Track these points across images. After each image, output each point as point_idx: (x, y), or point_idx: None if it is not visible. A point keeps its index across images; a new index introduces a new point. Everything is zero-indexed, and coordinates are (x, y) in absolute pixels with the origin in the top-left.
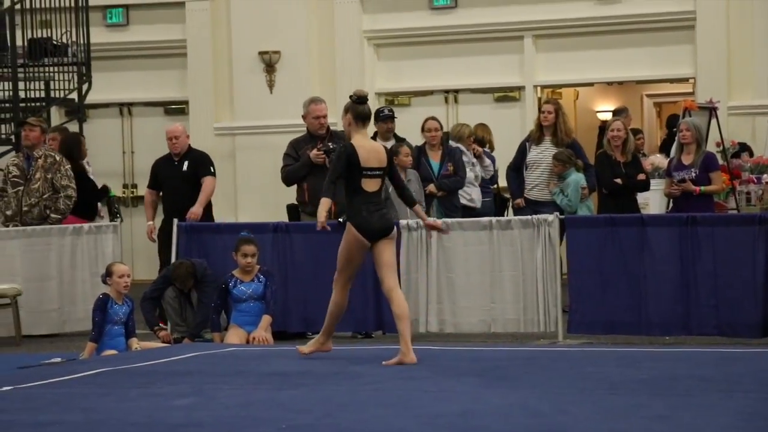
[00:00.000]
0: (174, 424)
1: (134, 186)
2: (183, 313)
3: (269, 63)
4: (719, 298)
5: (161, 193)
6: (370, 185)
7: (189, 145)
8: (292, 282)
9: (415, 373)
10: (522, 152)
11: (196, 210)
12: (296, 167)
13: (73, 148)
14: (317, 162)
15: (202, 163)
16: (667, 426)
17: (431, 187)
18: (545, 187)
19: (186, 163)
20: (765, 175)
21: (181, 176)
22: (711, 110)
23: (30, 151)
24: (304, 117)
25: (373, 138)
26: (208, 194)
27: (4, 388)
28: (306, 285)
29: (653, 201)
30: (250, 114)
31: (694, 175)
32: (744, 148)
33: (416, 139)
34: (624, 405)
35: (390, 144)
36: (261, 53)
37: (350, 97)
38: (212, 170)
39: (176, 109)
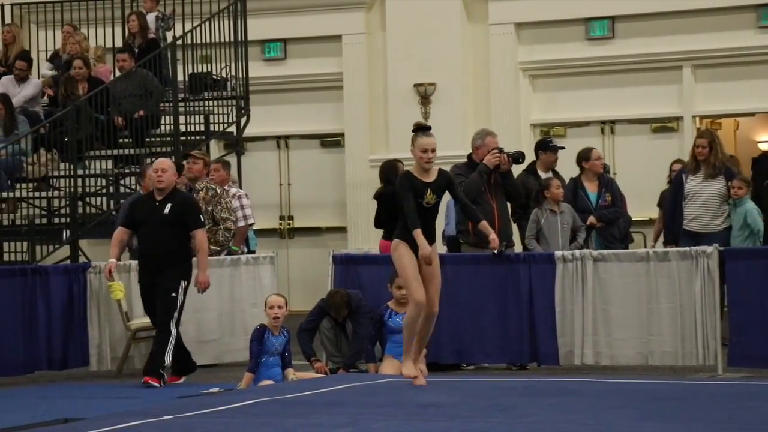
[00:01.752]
0: None
1: (291, 218)
2: (338, 344)
3: (424, 95)
4: None
5: (136, 237)
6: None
7: (175, 185)
8: (446, 313)
9: (572, 406)
10: (679, 183)
11: (203, 279)
12: (474, 178)
13: None
14: (495, 164)
15: (189, 211)
16: None
17: (591, 219)
18: (706, 218)
19: (169, 206)
20: None
21: (161, 220)
22: None
23: (192, 183)
24: (477, 148)
25: (532, 168)
26: (206, 252)
27: (165, 417)
28: (460, 317)
29: None
30: (405, 146)
31: None
32: None
33: (573, 170)
34: None
35: (547, 176)
36: (416, 85)
37: (413, 129)
38: (202, 220)
39: (332, 141)
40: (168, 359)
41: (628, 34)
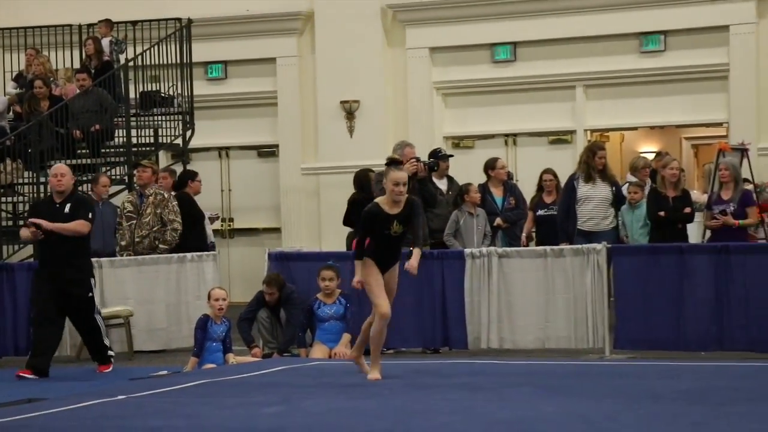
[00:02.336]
0: (265, 429)
1: (231, 220)
2: (273, 331)
3: (349, 111)
4: (750, 318)
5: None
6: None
7: (74, 187)
8: (367, 304)
9: (479, 384)
10: (572, 189)
11: (47, 226)
12: None
13: None
14: (413, 171)
15: (82, 207)
16: None
17: (498, 220)
18: (597, 219)
19: (68, 206)
20: None
21: (62, 219)
22: (742, 151)
23: (142, 190)
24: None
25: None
26: (69, 228)
27: (119, 397)
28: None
29: (691, 232)
30: (332, 156)
31: (732, 209)
32: None
33: (480, 177)
34: (665, 413)
35: (443, 181)
36: (342, 102)
37: (386, 163)
38: (89, 216)
39: (268, 152)
40: (107, 342)
41: (528, 58)
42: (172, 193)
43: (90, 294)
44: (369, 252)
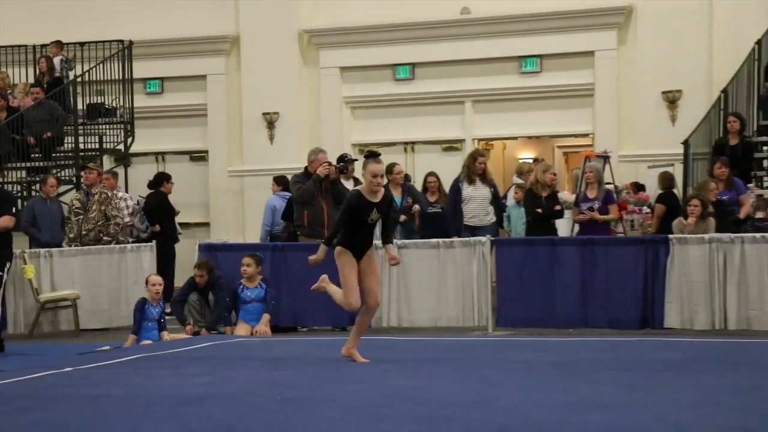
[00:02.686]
0: (195, 396)
1: None
2: (202, 311)
3: (270, 122)
4: (610, 300)
5: None
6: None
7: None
8: (287, 287)
9: (381, 357)
10: (457, 190)
11: None
12: (309, 185)
13: None
14: (325, 174)
15: (4, 203)
16: (570, 396)
17: (400, 215)
18: (480, 216)
19: None
20: (645, 208)
21: None
22: (605, 158)
23: (89, 189)
24: (311, 162)
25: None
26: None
27: (66, 369)
28: (296, 290)
29: (561, 226)
30: (255, 161)
31: (597, 206)
32: (640, 187)
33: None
34: (538, 381)
35: (350, 183)
36: (264, 114)
37: (365, 155)
38: (11, 210)
39: (198, 156)
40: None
41: (424, 77)
42: (115, 192)
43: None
44: (344, 242)
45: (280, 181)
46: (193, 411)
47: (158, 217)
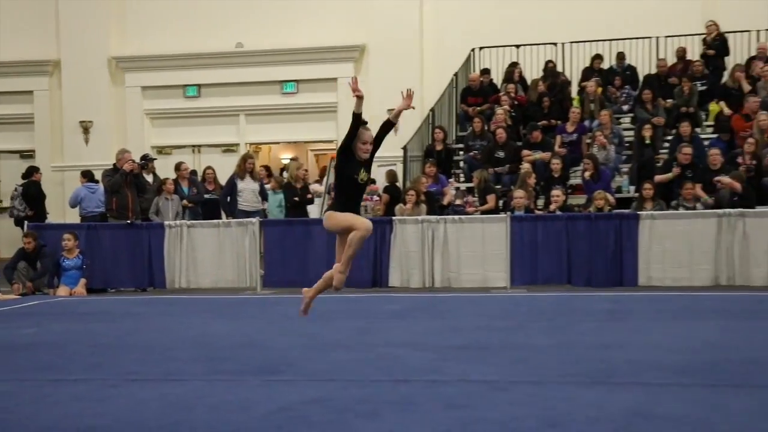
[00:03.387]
0: (24, 343)
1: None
2: (29, 276)
3: (86, 128)
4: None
5: None
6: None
7: None
8: (97, 258)
9: (172, 311)
10: (233, 184)
11: None
12: (117, 178)
13: None
14: (130, 169)
15: None
16: (315, 337)
17: (185, 202)
18: (251, 202)
19: None
20: (375, 196)
21: None
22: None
23: None
24: (119, 159)
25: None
26: None
27: None
28: (105, 259)
29: (311, 210)
30: (73, 159)
31: None
32: (371, 181)
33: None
34: (297, 327)
35: (150, 176)
36: (81, 122)
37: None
38: None
39: (27, 155)
40: None
41: (208, 95)
42: None
43: None
44: (336, 206)
45: (86, 175)
46: (23, 355)
47: (32, 201)
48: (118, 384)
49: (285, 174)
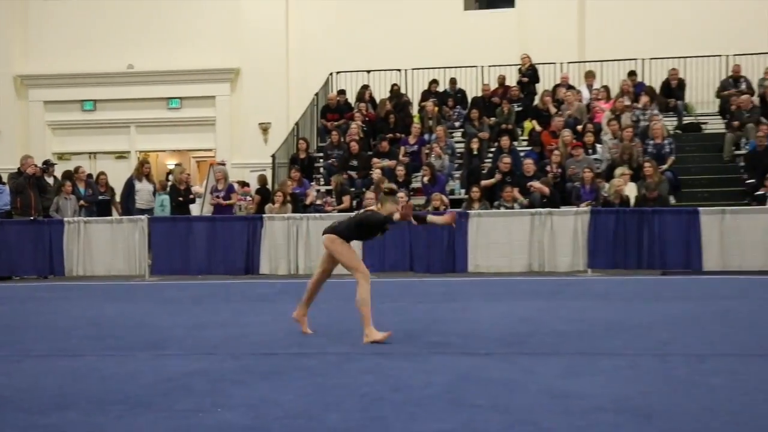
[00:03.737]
0: None
1: None
2: None
3: None
4: (226, 253)
5: None
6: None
7: None
8: (3, 248)
9: (67, 296)
10: (132, 185)
11: None
12: (21, 181)
13: None
14: (32, 172)
15: None
16: (207, 318)
17: (81, 202)
18: (146, 202)
19: None
20: (248, 197)
21: None
22: (223, 164)
23: None
24: (23, 164)
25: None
26: None
27: None
28: (11, 250)
29: (193, 209)
30: None
31: (223, 194)
32: (245, 184)
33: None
34: (178, 309)
35: (51, 179)
36: None
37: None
38: None
39: None
40: None
41: (104, 109)
42: None
43: None
44: (346, 236)
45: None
46: None
47: None
48: (21, 360)
49: (170, 177)
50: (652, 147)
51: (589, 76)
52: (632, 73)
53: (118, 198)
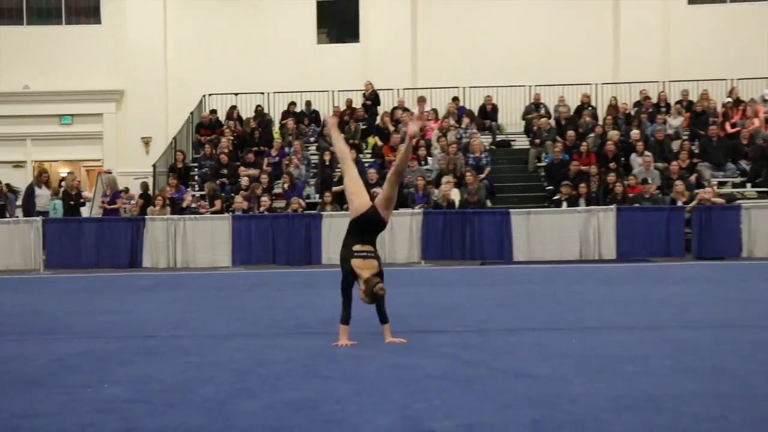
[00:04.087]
0: None
1: None
2: None
3: None
4: (112, 248)
5: None
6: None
7: None
8: None
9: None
10: (32, 192)
11: None
12: None
13: None
14: None
15: None
16: (80, 307)
17: None
18: (44, 205)
19: None
20: (132, 201)
21: None
22: (110, 172)
23: None
24: None
25: None
26: None
27: None
28: None
29: (83, 211)
30: None
31: (109, 200)
32: (127, 190)
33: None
34: (76, 300)
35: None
36: None
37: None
38: None
39: None
40: None
41: (2, 124)
42: None
43: None
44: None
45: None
46: None
47: None
48: None
49: (63, 184)
50: (472, 159)
51: (421, 100)
52: (456, 99)
53: (19, 202)
